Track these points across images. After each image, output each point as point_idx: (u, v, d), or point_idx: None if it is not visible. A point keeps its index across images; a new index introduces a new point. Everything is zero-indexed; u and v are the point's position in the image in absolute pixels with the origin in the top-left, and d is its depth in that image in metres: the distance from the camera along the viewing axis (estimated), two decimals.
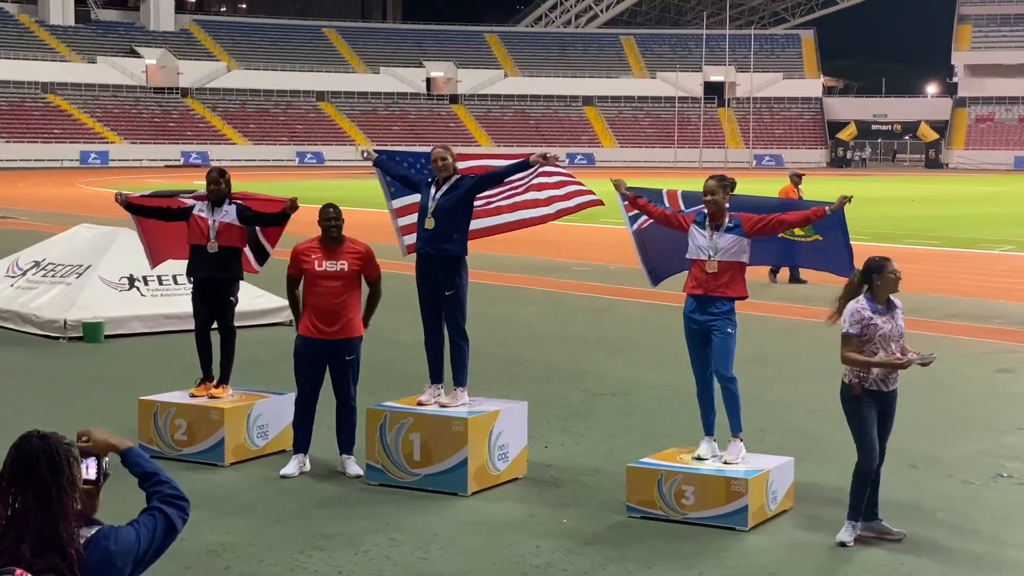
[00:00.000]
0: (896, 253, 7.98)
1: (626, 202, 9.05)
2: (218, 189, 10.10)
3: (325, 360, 9.32)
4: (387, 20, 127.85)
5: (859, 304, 7.65)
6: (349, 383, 9.37)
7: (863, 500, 7.80)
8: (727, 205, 8.42)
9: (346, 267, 9.23)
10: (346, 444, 9.42)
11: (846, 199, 8.34)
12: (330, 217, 9.30)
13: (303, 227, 11.10)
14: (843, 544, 7.69)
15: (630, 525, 8.14)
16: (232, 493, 8.92)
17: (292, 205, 9.95)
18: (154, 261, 11.32)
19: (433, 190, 9.18)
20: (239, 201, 10.22)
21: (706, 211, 8.44)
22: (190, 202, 10.32)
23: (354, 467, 9.30)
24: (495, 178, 9.33)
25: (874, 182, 66.62)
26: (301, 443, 9.40)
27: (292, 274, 9.41)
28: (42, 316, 15.36)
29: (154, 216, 10.60)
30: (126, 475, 3.91)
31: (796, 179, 21.79)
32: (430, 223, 9.12)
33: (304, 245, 9.39)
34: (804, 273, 20.63)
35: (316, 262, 9.22)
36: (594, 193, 9.93)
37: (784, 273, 20.89)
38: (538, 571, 7.28)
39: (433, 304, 9.28)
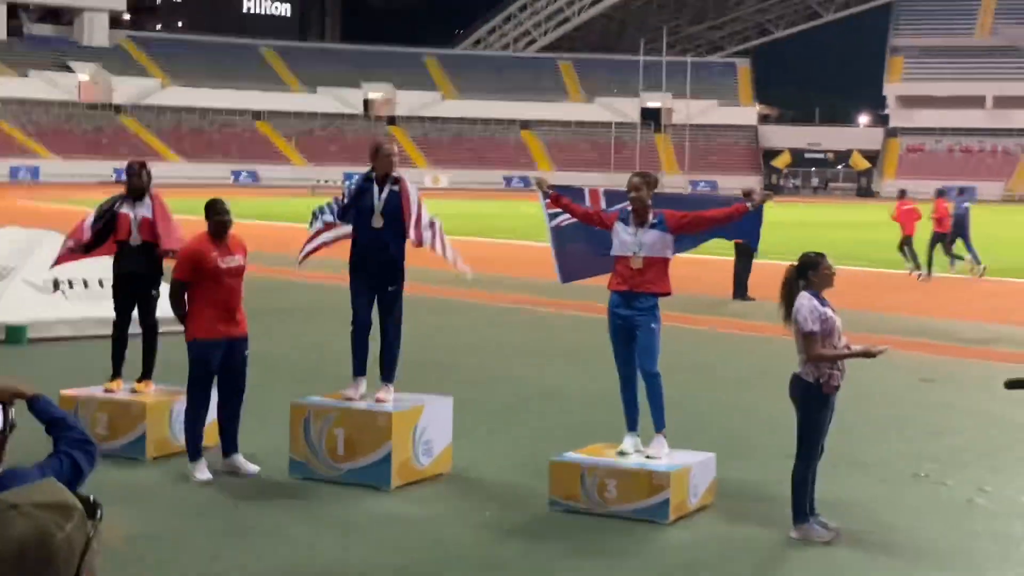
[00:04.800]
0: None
1: (547, 199, 9.09)
2: (139, 182, 10.02)
3: (221, 360, 9.04)
4: (325, 40, 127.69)
5: (810, 300, 7.54)
6: (245, 380, 9.18)
7: (807, 499, 7.78)
8: (651, 202, 8.49)
9: (241, 261, 9.08)
10: (235, 442, 9.18)
11: (768, 195, 8.46)
12: (226, 210, 9.04)
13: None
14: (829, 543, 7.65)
15: (553, 518, 8.15)
16: (153, 486, 8.83)
17: (169, 254, 9.61)
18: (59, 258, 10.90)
19: (376, 188, 9.16)
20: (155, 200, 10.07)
21: (630, 208, 8.51)
22: (86, 235, 10.10)
23: (251, 465, 9.12)
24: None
25: (807, 208, 67.34)
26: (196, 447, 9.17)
27: (186, 280, 8.94)
28: None
29: (96, 247, 10.27)
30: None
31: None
32: (378, 221, 9.11)
33: (196, 245, 8.99)
34: (751, 291, 20.92)
35: (218, 259, 8.93)
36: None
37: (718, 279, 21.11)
38: (459, 561, 7.28)
39: (369, 300, 9.24)
